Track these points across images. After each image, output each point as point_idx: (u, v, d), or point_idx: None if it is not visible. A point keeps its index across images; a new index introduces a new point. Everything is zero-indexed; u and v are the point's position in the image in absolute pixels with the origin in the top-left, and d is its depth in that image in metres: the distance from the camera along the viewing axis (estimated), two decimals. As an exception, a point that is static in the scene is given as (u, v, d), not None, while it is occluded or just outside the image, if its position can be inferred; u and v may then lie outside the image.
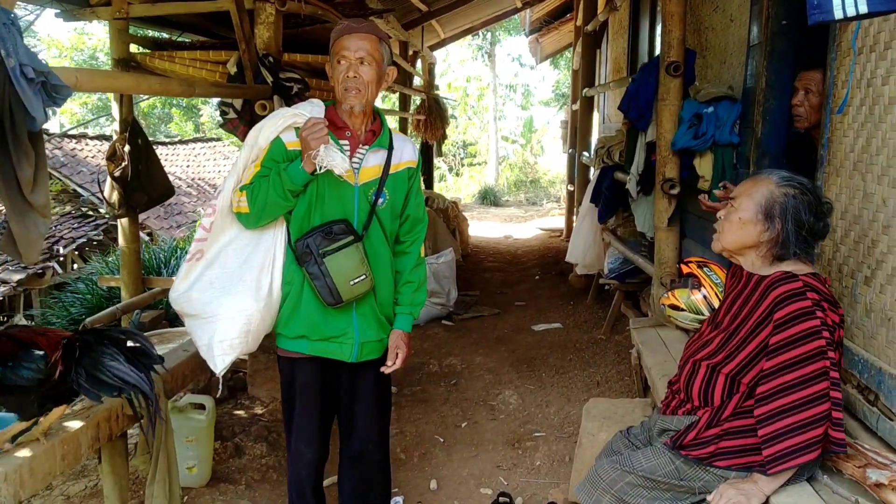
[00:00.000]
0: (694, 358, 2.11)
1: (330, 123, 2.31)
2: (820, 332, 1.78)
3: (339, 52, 2.27)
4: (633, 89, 4.12)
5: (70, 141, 13.10)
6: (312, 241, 2.30)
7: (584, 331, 5.70)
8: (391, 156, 2.39)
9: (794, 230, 1.90)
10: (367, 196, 2.35)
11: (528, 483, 3.35)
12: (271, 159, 2.31)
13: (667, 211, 3.75)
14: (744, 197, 1.99)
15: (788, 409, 1.78)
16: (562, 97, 21.97)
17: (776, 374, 1.81)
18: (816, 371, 1.77)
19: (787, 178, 1.95)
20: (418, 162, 2.50)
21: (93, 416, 2.28)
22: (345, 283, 2.30)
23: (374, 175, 2.36)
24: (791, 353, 1.80)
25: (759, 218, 1.94)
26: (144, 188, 4.36)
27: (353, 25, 2.29)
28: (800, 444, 1.76)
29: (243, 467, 3.37)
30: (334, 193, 2.32)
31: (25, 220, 1.83)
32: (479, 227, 12.63)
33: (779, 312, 1.84)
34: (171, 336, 3.85)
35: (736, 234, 2.00)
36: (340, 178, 2.26)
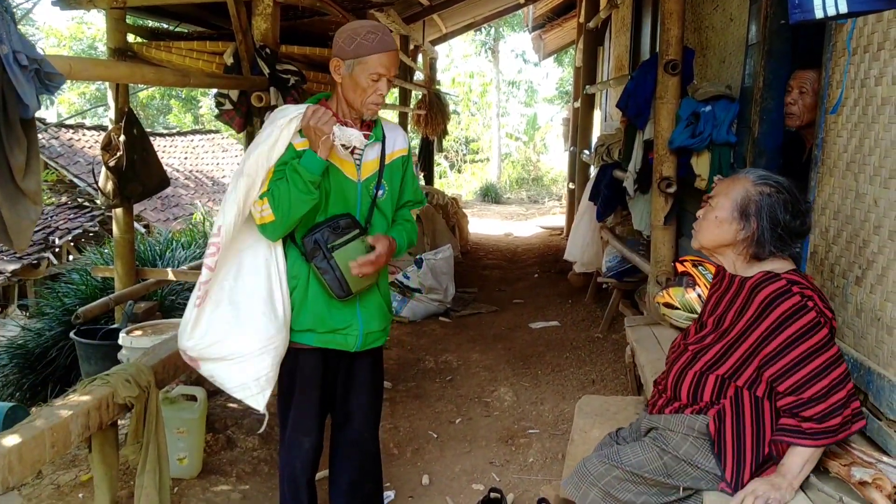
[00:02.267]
0: (680, 360, 2.11)
1: None
2: (818, 321, 1.80)
3: (376, 69, 2.21)
4: (631, 87, 4.11)
5: (67, 131, 13.07)
6: (320, 236, 2.31)
7: (581, 329, 5.70)
8: (385, 147, 2.41)
9: (769, 228, 1.91)
10: (369, 190, 2.38)
11: (521, 479, 3.35)
12: (282, 162, 2.28)
13: (663, 209, 3.75)
14: (721, 196, 2.00)
15: (811, 400, 1.79)
16: (565, 94, 21.95)
17: (790, 371, 1.82)
18: (830, 359, 1.79)
19: (764, 176, 1.95)
20: (409, 148, 2.52)
21: (83, 404, 2.28)
22: (353, 276, 2.31)
23: (373, 169, 2.38)
24: (798, 350, 1.80)
25: (734, 216, 1.95)
26: (139, 178, 4.35)
27: (388, 40, 2.24)
28: (833, 427, 1.78)
29: (235, 460, 3.36)
30: (338, 190, 2.34)
31: (17, 207, 1.83)
32: (479, 224, 12.63)
33: (772, 315, 1.84)
34: (165, 327, 3.84)
35: (713, 233, 2.01)
36: (354, 153, 2.32)
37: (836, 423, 1.77)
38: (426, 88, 10.10)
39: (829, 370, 1.78)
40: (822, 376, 1.78)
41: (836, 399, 1.77)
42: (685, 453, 2.00)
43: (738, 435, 1.92)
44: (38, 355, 5.38)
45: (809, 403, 1.79)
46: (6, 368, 5.50)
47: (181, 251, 6.97)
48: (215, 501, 3.01)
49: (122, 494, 2.88)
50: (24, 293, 10.46)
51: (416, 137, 11.75)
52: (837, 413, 1.77)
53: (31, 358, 5.40)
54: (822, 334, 1.79)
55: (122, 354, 3.60)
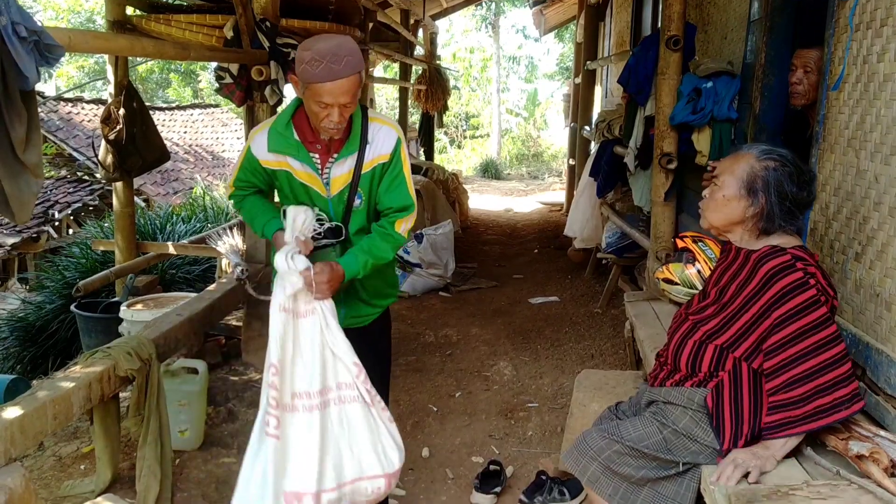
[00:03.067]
0: (681, 329, 2.12)
1: (300, 132, 2.27)
2: (818, 299, 1.80)
3: (319, 97, 2.10)
4: (632, 63, 4.09)
5: (66, 105, 13.01)
6: None
7: (580, 304, 5.72)
8: (364, 154, 2.30)
9: (777, 202, 1.91)
10: (342, 200, 2.34)
11: (520, 452, 3.38)
12: (249, 169, 2.38)
13: (664, 185, 3.75)
14: (726, 174, 1.99)
15: (805, 376, 1.80)
16: (566, 71, 21.79)
17: (785, 347, 1.83)
18: (828, 337, 1.79)
19: (767, 151, 1.95)
20: (395, 149, 2.34)
21: (85, 376, 2.30)
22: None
23: (345, 182, 2.32)
24: (796, 325, 1.81)
25: (742, 194, 1.95)
26: (139, 152, 4.34)
27: (337, 69, 2.07)
28: (828, 405, 1.78)
29: (236, 432, 3.39)
30: (308, 201, 2.34)
31: (18, 180, 1.83)
32: (479, 199, 12.61)
33: (774, 287, 1.85)
34: (165, 301, 3.86)
35: (721, 212, 2.01)
36: (322, 173, 2.31)
37: (826, 402, 1.77)
38: (427, 63, 10.03)
39: (821, 350, 1.78)
40: (813, 355, 1.78)
41: (826, 379, 1.77)
42: (684, 427, 2.01)
43: (736, 408, 1.94)
44: (38, 328, 5.41)
45: (797, 382, 1.80)
46: (7, 341, 5.53)
47: (181, 225, 6.97)
48: (217, 473, 3.04)
49: (124, 466, 2.92)
50: (23, 267, 10.48)
51: (417, 113, 11.69)
52: (827, 392, 1.77)
53: (31, 331, 5.43)
54: (820, 313, 1.79)
55: (123, 327, 3.62)
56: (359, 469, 2.20)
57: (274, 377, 2.11)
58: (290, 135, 2.27)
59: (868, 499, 1.63)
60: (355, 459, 2.20)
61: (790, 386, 1.82)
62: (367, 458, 2.21)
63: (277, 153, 2.28)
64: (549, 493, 2.87)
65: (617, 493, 2.07)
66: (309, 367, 2.17)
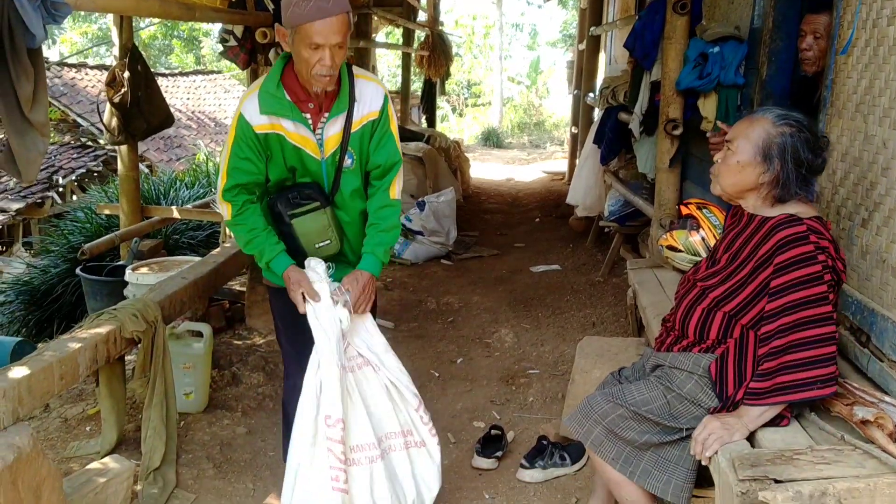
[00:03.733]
0: (689, 295, 2.12)
1: (290, 92, 2.22)
2: (821, 276, 1.79)
3: (309, 38, 2.06)
4: (639, 27, 4.04)
5: (69, 70, 12.92)
6: (281, 203, 2.31)
7: (582, 273, 5.73)
8: (352, 113, 2.28)
9: (794, 169, 1.87)
10: (335, 162, 2.33)
11: (521, 418, 3.41)
12: (242, 142, 2.24)
13: (669, 152, 3.72)
14: (741, 139, 1.94)
15: (791, 346, 1.79)
16: (569, 38, 21.53)
17: (780, 315, 1.82)
18: (821, 314, 1.78)
19: (783, 115, 1.91)
20: (383, 106, 2.34)
21: (91, 338, 2.32)
22: (310, 245, 2.33)
23: (336, 143, 2.31)
24: (794, 296, 1.80)
25: (757, 160, 1.91)
26: (144, 115, 4.32)
27: (324, 6, 2.04)
28: (800, 380, 1.78)
29: (240, 395, 3.43)
30: (302, 166, 2.32)
31: (25, 139, 1.83)
32: (480, 168, 12.55)
33: (780, 256, 1.83)
34: (170, 264, 3.87)
35: (735, 178, 1.97)
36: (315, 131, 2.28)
37: (806, 377, 1.77)
38: (430, 29, 9.91)
39: (812, 325, 1.77)
40: (802, 329, 1.78)
41: (810, 355, 1.77)
42: (689, 392, 2.02)
43: (739, 377, 1.94)
44: (43, 292, 5.43)
45: (781, 352, 1.80)
46: (12, 305, 5.56)
47: (185, 191, 6.97)
48: (221, 435, 3.07)
49: (129, 428, 2.95)
50: (28, 232, 10.50)
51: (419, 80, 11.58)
52: (809, 368, 1.77)
53: (36, 294, 5.46)
54: (819, 290, 1.78)
55: (128, 291, 3.64)
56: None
57: (341, 431, 2.18)
58: (282, 95, 2.21)
59: (872, 463, 1.63)
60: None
61: (774, 355, 1.81)
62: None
63: (271, 114, 2.21)
64: (550, 457, 2.89)
65: (620, 456, 2.08)
66: (365, 418, 2.28)
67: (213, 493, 2.68)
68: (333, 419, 2.17)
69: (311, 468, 2.19)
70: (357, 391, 2.28)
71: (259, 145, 2.25)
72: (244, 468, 2.87)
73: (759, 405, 1.83)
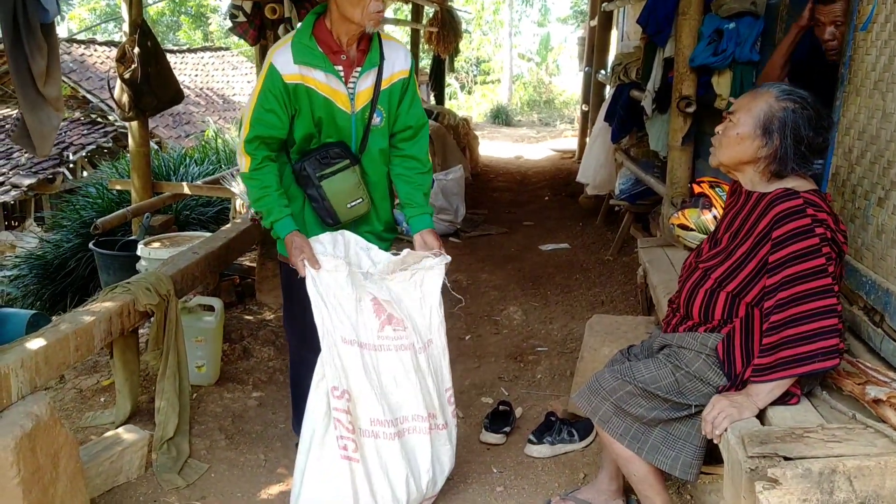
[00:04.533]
0: (692, 278, 2.12)
1: (323, 45, 2.24)
2: (819, 249, 1.78)
3: None
4: (652, 3, 3.99)
5: (79, 46, 12.88)
6: (309, 165, 2.30)
7: (591, 251, 5.72)
8: (382, 70, 2.31)
9: (792, 145, 1.87)
10: (364, 119, 2.34)
11: (529, 394, 3.43)
12: (270, 93, 2.25)
13: (682, 130, 3.69)
14: (742, 112, 1.94)
15: (791, 320, 1.78)
16: (580, 14, 21.28)
17: (779, 289, 1.82)
18: (821, 287, 1.77)
19: (787, 91, 1.90)
20: (411, 67, 2.40)
21: (106, 310, 2.34)
22: (342, 205, 2.32)
23: (367, 98, 2.32)
24: (791, 270, 1.80)
25: (757, 133, 1.90)
26: (154, 92, 4.32)
27: None
28: (802, 354, 1.77)
29: (251, 369, 3.46)
30: (330, 121, 2.31)
31: (39, 113, 1.84)
32: (489, 146, 12.50)
33: (777, 230, 1.83)
34: (181, 239, 3.89)
35: (733, 150, 1.96)
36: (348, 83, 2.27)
37: (808, 350, 1.76)
38: (438, 5, 9.82)
39: (812, 298, 1.76)
40: (803, 302, 1.77)
41: (812, 327, 1.76)
42: (697, 370, 2.02)
43: (747, 353, 1.94)
44: (56, 266, 5.48)
45: (783, 326, 1.79)
46: (26, 279, 5.62)
47: (194, 167, 6.98)
48: (233, 407, 3.11)
49: (143, 399, 2.98)
50: (39, 207, 10.57)
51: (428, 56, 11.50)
52: (811, 341, 1.76)
53: (49, 269, 5.51)
54: (817, 262, 1.77)
55: (140, 265, 3.66)
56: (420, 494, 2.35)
57: (346, 402, 2.20)
58: (315, 46, 2.23)
59: (884, 442, 1.63)
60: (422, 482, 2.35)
61: (776, 329, 1.81)
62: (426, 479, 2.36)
63: (303, 65, 2.22)
64: (559, 433, 2.91)
65: (628, 432, 2.09)
66: (380, 396, 2.26)
67: (226, 464, 2.71)
68: (340, 391, 2.19)
69: (323, 438, 2.21)
70: (374, 371, 2.27)
71: (286, 97, 2.25)
72: (255, 440, 2.90)
73: (764, 381, 1.82)
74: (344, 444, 2.18)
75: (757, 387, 1.84)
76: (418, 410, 2.32)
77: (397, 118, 2.39)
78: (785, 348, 1.79)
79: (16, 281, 5.70)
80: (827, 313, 1.77)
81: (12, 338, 2.12)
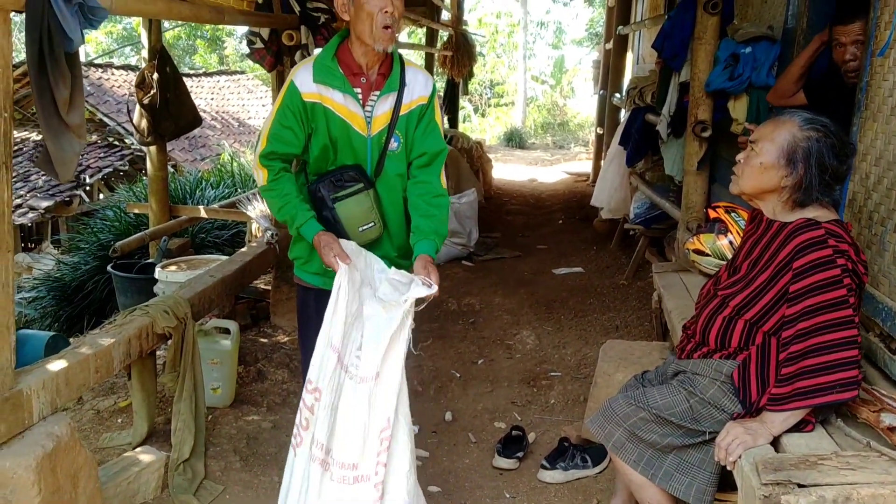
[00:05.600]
0: (710, 305, 2.11)
1: (344, 66, 2.27)
2: (840, 280, 1.78)
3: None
4: (668, 27, 4.01)
5: (96, 70, 13.08)
6: (324, 187, 2.32)
7: (605, 276, 5.69)
8: (402, 96, 2.33)
9: (817, 175, 1.87)
10: (380, 143, 2.34)
11: (542, 419, 3.41)
12: (288, 109, 2.27)
13: (697, 154, 3.70)
14: (765, 141, 1.94)
15: (811, 351, 1.78)
16: (595, 36, 21.38)
17: (799, 319, 1.81)
18: (842, 318, 1.77)
19: (810, 119, 1.90)
20: (431, 94, 2.40)
21: (125, 333, 2.36)
22: (354, 228, 2.32)
23: (385, 122, 2.33)
24: (812, 300, 1.79)
25: (781, 163, 1.90)
26: (172, 116, 4.38)
27: None
28: (820, 385, 1.76)
29: (265, 391, 3.47)
30: (346, 142, 2.32)
31: (61, 140, 1.87)
32: (503, 169, 12.53)
33: (799, 261, 1.83)
34: (198, 262, 3.92)
35: (756, 179, 1.96)
36: (365, 107, 2.29)
37: (827, 381, 1.75)
38: (453, 28, 9.91)
39: (832, 329, 1.76)
40: (823, 333, 1.76)
41: (831, 358, 1.75)
42: (712, 396, 2.01)
43: (763, 381, 1.93)
44: (74, 288, 5.53)
45: (802, 356, 1.78)
46: (44, 300, 5.67)
47: (210, 190, 7.05)
48: (247, 429, 3.11)
49: (159, 421, 2.99)
50: (56, 229, 10.68)
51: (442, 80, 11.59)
52: (830, 371, 1.75)
53: (67, 290, 5.56)
54: (838, 294, 1.77)
55: (157, 288, 3.69)
56: None
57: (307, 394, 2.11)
58: (336, 67, 2.26)
59: (898, 470, 1.62)
60: None
61: (795, 359, 1.80)
62: None
63: (322, 84, 2.25)
64: (572, 459, 2.89)
65: (642, 459, 2.08)
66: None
67: (240, 485, 2.72)
68: (313, 386, 2.10)
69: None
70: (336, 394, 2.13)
71: (304, 114, 2.28)
72: (269, 462, 2.90)
73: (780, 411, 1.82)
74: (296, 432, 2.12)
75: (772, 414, 1.84)
76: (342, 456, 2.11)
77: (413, 143, 2.40)
78: (803, 378, 1.78)
79: (34, 302, 5.76)
80: (847, 345, 1.76)
81: (31, 359, 2.14)
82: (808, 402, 1.78)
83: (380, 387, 2.08)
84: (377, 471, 2.08)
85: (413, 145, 2.40)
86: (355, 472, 2.08)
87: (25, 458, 1.80)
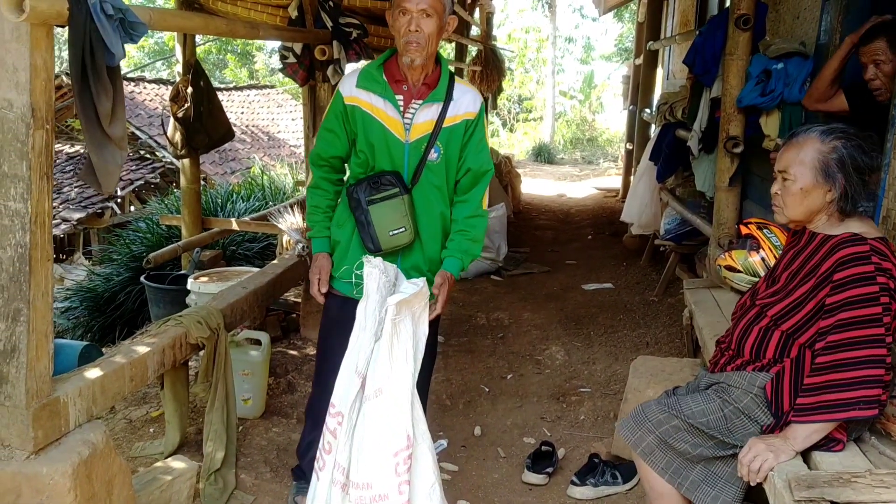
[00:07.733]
0: (747, 315, 2.09)
1: (388, 74, 2.37)
2: (878, 298, 1.76)
3: (400, 4, 2.26)
4: (699, 43, 4.00)
5: (128, 84, 13.31)
6: (361, 190, 2.38)
7: (636, 292, 5.65)
8: (447, 108, 2.38)
9: (857, 178, 1.87)
10: (419, 150, 2.39)
11: (572, 435, 3.39)
12: (332, 113, 2.44)
13: (729, 170, 3.67)
14: (795, 166, 1.93)
15: (838, 365, 1.78)
16: (624, 51, 21.34)
17: (831, 332, 1.81)
18: (873, 336, 1.75)
19: (826, 130, 1.91)
20: (480, 112, 2.44)
21: (159, 342, 2.40)
22: (384, 231, 2.36)
23: (426, 130, 2.37)
24: (846, 314, 1.79)
25: (819, 181, 1.90)
26: (206, 130, 4.46)
27: None
28: (843, 400, 1.76)
29: (295, 403, 3.49)
30: (383, 147, 2.38)
31: (104, 152, 1.92)
32: (531, 184, 12.51)
33: (839, 274, 1.82)
34: (230, 274, 3.97)
35: (802, 205, 1.95)
36: (405, 115, 2.36)
37: (850, 397, 1.75)
38: (482, 44, 9.96)
39: (863, 346, 1.75)
40: (853, 348, 1.76)
41: (857, 374, 1.75)
42: (745, 406, 2.00)
43: (796, 393, 1.91)
44: (106, 299, 5.62)
45: (829, 370, 1.78)
46: (77, 311, 5.77)
47: (241, 203, 7.15)
48: (277, 440, 3.13)
49: (191, 431, 3.02)
50: (87, 241, 10.88)
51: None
52: (855, 388, 1.75)
53: (100, 301, 5.66)
54: (874, 310, 1.76)
55: (190, 299, 3.75)
56: None
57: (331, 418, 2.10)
58: (380, 75, 2.36)
59: (934, 489, 1.60)
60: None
61: (822, 371, 1.80)
62: None
63: (363, 89, 2.36)
64: (602, 475, 2.87)
65: (670, 467, 2.08)
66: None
67: (271, 496, 2.73)
68: (336, 411, 2.09)
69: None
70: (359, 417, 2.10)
71: (345, 117, 2.40)
72: (299, 474, 2.91)
73: (804, 422, 1.81)
74: (318, 455, 2.12)
75: (796, 429, 1.83)
76: (357, 476, 2.06)
77: (462, 161, 2.44)
78: (828, 392, 1.78)
79: (66, 313, 5.87)
80: (874, 363, 1.75)
81: (65, 368, 2.18)
82: (830, 416, 1.78)
83: (386, 402, 2.05)
84: (401, 490, 2.04)
85: (460, 161, 2.45)
86: (370, 491, 2.03)
87: (62, 465, 1.83)
